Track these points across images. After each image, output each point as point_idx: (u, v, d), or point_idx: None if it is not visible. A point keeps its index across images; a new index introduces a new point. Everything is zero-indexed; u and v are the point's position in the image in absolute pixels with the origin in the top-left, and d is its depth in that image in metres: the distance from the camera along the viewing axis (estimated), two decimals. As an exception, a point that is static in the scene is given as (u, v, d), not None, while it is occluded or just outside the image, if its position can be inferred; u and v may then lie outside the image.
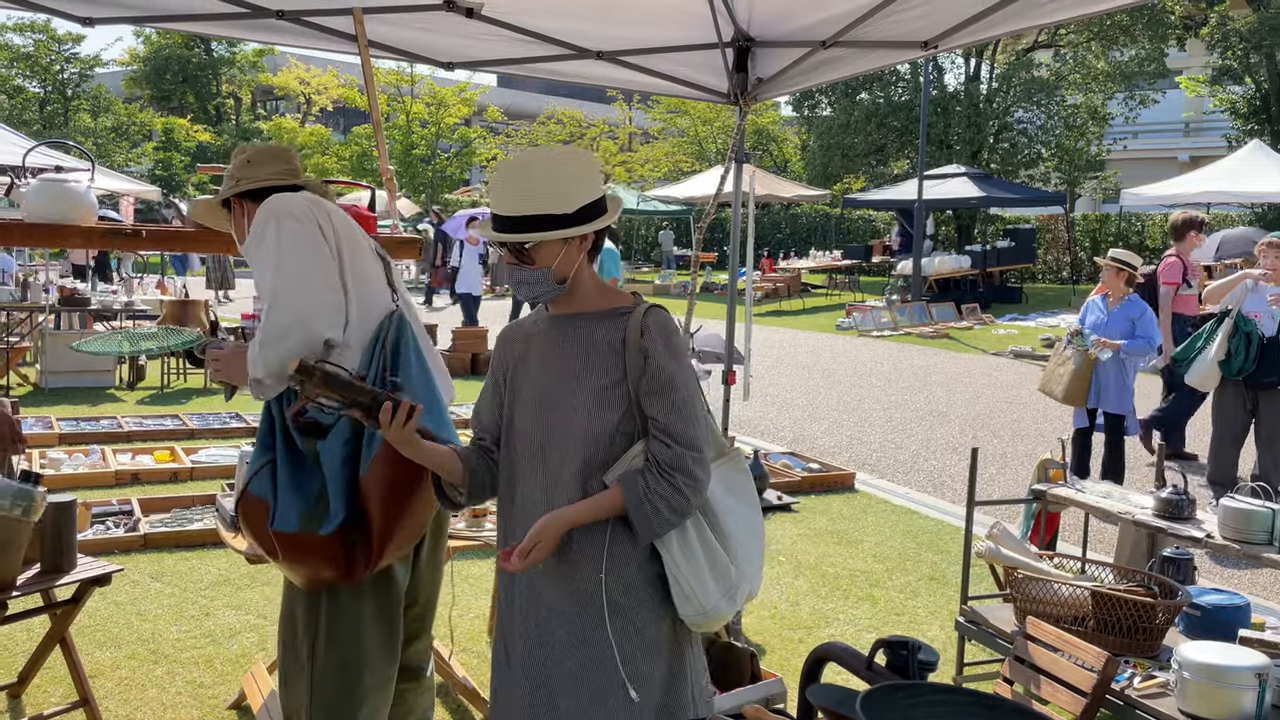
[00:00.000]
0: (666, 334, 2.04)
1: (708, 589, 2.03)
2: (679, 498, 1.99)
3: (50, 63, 33.35)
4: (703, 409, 2.07)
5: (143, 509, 5.74)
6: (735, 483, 2.16)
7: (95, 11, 3.92)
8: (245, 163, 2.68)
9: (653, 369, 2.01)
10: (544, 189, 1.98)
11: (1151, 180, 19.55)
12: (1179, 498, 3.76)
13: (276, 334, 2.31)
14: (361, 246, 2.55)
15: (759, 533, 2.17)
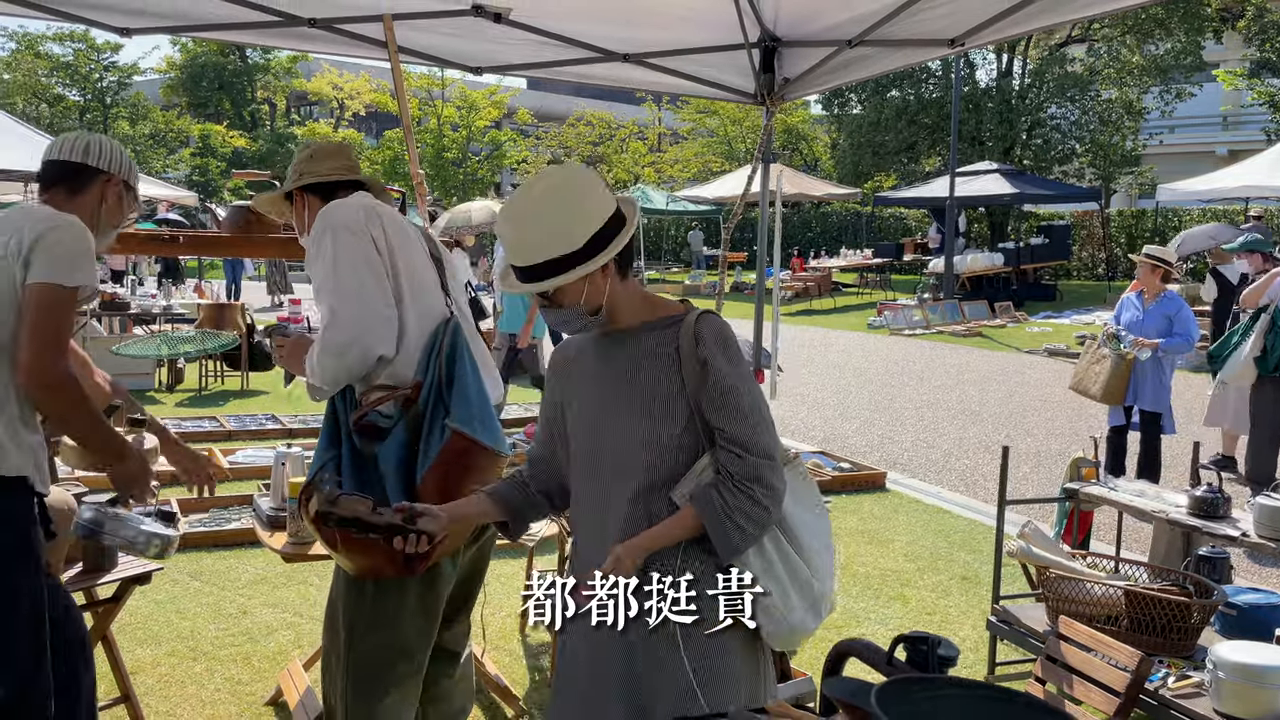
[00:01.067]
0: (723, 341, 1.97)
1: (793, 606, 1.95)
2: (759, 510, 1.91)
3: (89, 71, 33.91)
4: (769, 414, 2.00)
5: (181, 509, 5.83)
6: (801, 491, 2.08)
7: (132, 22, 4.00)
8: (309, 158, 2.75)
9: (714, 378, 1.94)
10: (544, 234, 1.90)
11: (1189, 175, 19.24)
12: (1214, 496, 3.73)
13: (334, 351, 2.41)
14: (416, 252, 2.59)
15: (829, 541, 2.09)
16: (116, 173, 2.54)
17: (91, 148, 2.52)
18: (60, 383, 2.25)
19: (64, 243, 2.30)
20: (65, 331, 2.30)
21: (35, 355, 2.22)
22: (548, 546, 4.45)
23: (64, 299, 2.28)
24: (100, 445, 2.39)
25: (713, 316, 2.02)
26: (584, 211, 1.92)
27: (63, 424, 2.34)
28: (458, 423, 2.37)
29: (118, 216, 2.57)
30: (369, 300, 2.43)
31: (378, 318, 2.43)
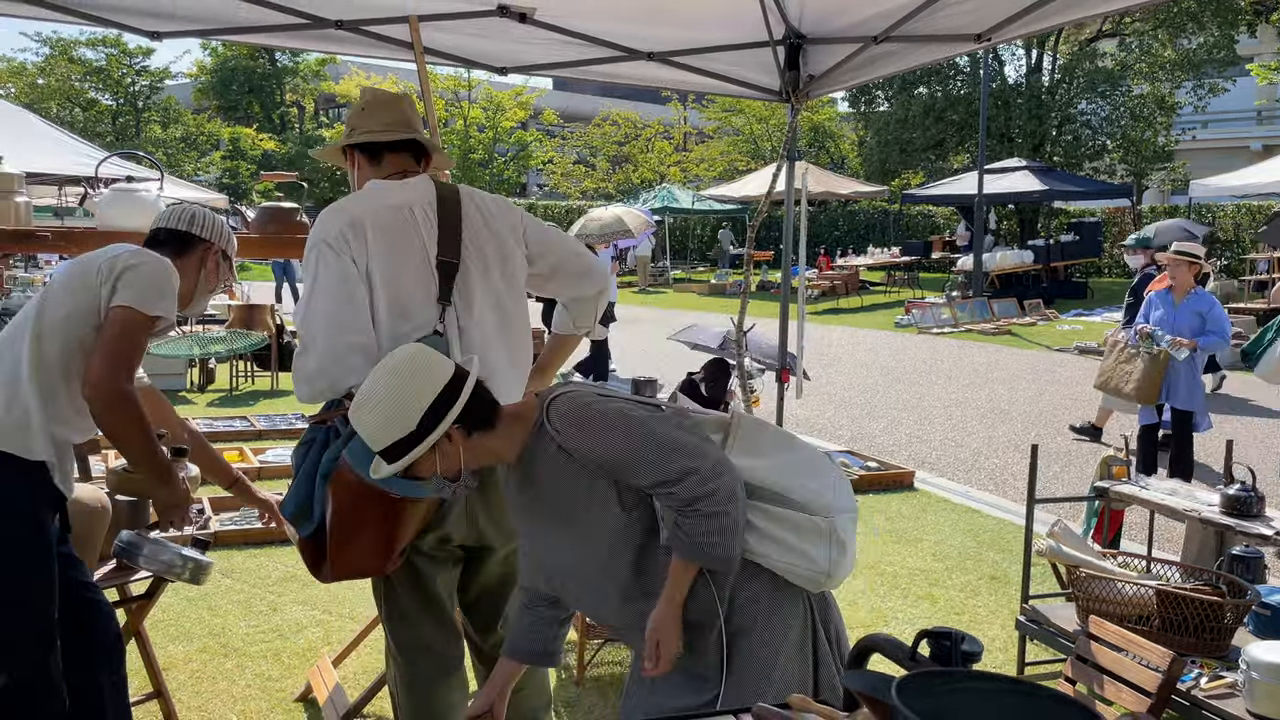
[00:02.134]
0: (571, 420, 2.01)
1: (810, 556, 2.00)
2: (716, 519, 1.94)
3: (122, 76, 34.35)
4: (663, 434, 1.98)
5: (213, 507, 5.90)
6: (756, 442, 2.09)
7: (163, 25, 4.05)
8: (361, 110, 2.64)
9: (591, 459, 2.00)
10: (382, 420, 1.98)
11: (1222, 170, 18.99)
12: (1247, 494, 3.67)
13: (303, 379, 2.42)
14: (409, 263, 2.45)
15: (815, 462, 2.10)
16: (216, 242, 2.76)
17: (196, 219, 2.75)
18: (121, 399, 2.35)
19: (153, 275, 2.46)
20: (136, 354, 2.43)
21: (104, 370, 2.34)
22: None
23: (141, 324, 2.42)
24: (148, 467, 2.48)
25: (557, 402, 2.04)
26: (412, 392, 1.98)
27: (116, 439, 2.42)
28: (346, 453, 2.29)
29: (214, 281, 2.79)
30: (342, 328, 2.36)
31: (348, 347, 2.36)
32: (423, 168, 2.68)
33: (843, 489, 2.09)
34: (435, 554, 2.57)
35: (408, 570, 2.56)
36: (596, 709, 3.70)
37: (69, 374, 2.43)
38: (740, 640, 2.03)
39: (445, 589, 2.62)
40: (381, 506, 2.32)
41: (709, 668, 2.05)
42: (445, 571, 2.61)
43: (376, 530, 2.37)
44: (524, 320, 2.66)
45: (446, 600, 2.63)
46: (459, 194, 2.58)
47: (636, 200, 27.22)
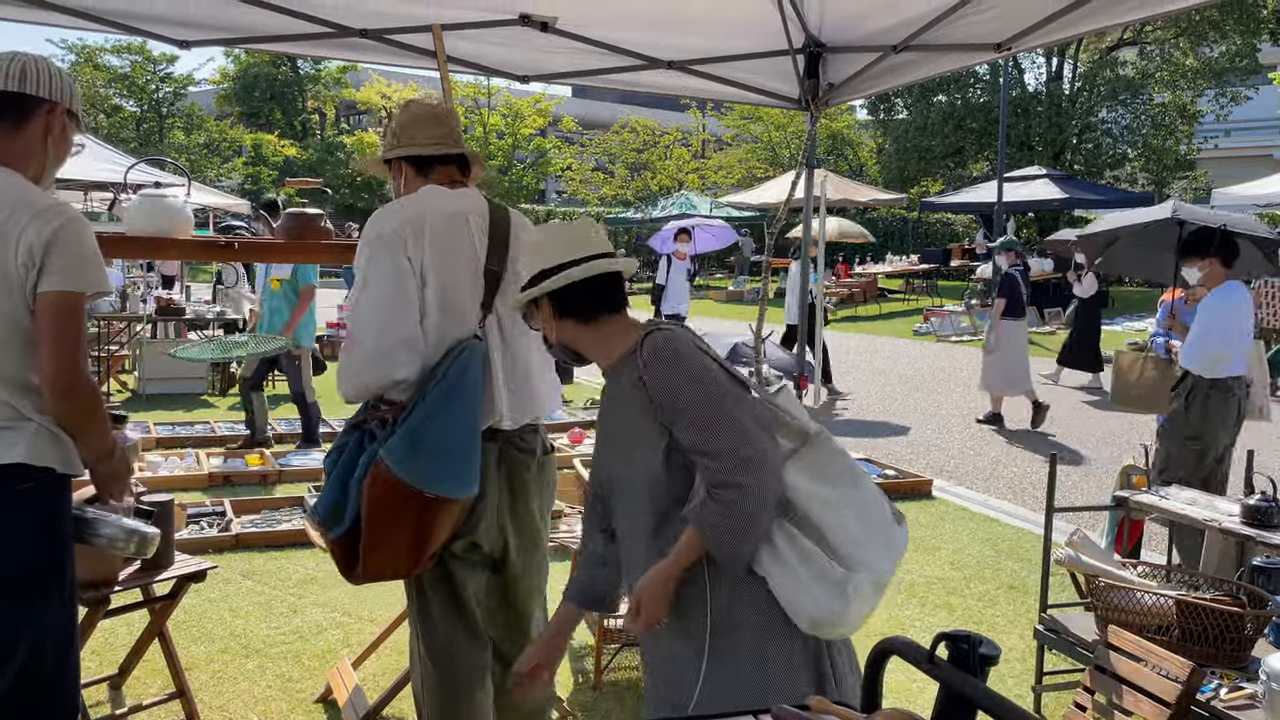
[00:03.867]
0: (661, 358, 2.02)
1: (811, 596, 1.93)
2: (735, 513, 1.91)
3: (146, 82, 34.74)
4: (731, 408, 1.98)
5: (234, 510, 5.96)
6: (823, 467, 2.02)
7: (191, 34, 4.12)
8: (408, 124, 2.64)
9: (658, 396, 2.00)
10: (532, 251, 2.17)
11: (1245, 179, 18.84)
12: (1268, 504, 3.65)
13: (354, 370, 2.44)
14: (459, 266, 2.52)
15: (870, 510, 2.00)
16: (60, 100, 2.33)
17: (29, 73, 2.29)
18: (80, 388, 2.23)
19: (81, 246, 2.24)
20: (83, 335, 2.25)
21: (57, 364, 2.19)
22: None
23: (79, 305, 2.23)
24: (100, 446, 2.34)
25: (654, 335, 2.07)
26: (561, 241, 2.13)
27: (77, 427, 2.27)
28: (384, 452, 2.34)
29: (64, 148, 2.39)
30: (393, 324, 2.41)
31: (399, 341, 2.41)
32: (467, 179, 2.74)
33: (885, 550, 1.99)
34: (467, 558, 2.61)
35: (440, 574, 2.59)
36: (614, 713, 3.72)
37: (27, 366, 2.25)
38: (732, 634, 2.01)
39: (475, 594, 2.65)
40: (416, 505, 2.36)
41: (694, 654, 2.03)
42: (476, 577, 2.64)
43: (410, 530, 2.41)
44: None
45: (476, 606, 2.65)
46: (509, 214, 2.69)
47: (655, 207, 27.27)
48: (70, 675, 2.39)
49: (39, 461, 2.24)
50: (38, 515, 2.27)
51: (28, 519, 2.25)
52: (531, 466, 2.65)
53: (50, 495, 2.29)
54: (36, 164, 2.33)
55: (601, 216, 30.44)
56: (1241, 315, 5.23)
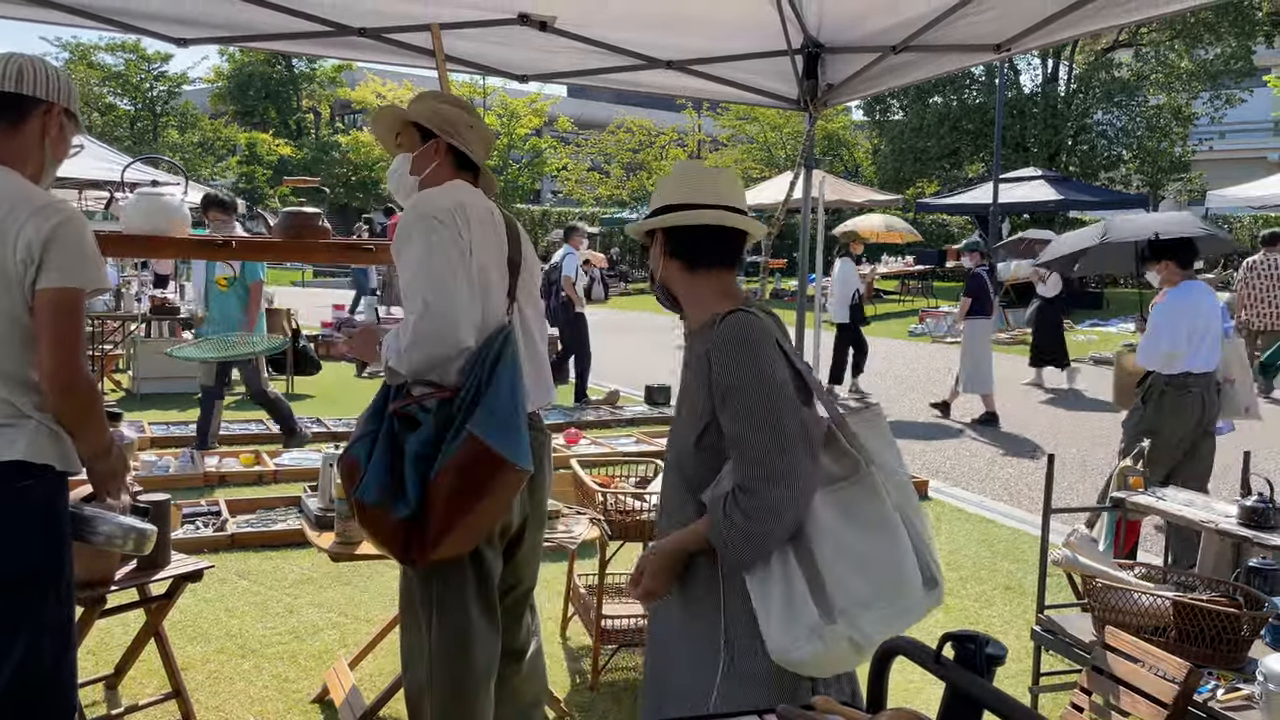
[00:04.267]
0: (730, 341, 1.95)
1: (774, 625, 1.86)
2: (750, 521, 1.84)
3: (140, 81, 34.64)
4: (780, 412, 1.89)
5: (230, 510, 5.95)
6: (859, 508, 1.91)
7: (188, 33, 4.10)
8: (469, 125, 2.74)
9: (718, 376, 1.93)
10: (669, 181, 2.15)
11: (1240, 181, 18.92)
12: (1265, 506, 3.66)
13: (427, 341, 2.45)
14: (491, 254, 2.63)
15: (885, 571, 1.88)
16: (57, 100, 2.34)
17: (26, 74, 2.28)
18: (80, 384, 2.25)
19: (81, 243, 2.25)
20: (82, 332, 2.27)
21: (58, 360, 2.20)
22: (588, 551, 4.48)
23: (78, 301, 2.25)
24: (97, 442, 2.34)
25: (735, 315, 1.99)
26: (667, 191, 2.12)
27: (76, 423, 2.28)
28: (478, 429, 2.41)
29: (62, 149, 2.40)
30: (459, 292, 2.48)
31: (465, 308, 2.49)
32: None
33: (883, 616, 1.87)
34: (497, 546, 2.68)
35: (473, 561, 2.61)
36: (611, 714, 3.71)
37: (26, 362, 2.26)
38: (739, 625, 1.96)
39: (497, 580, 2.70)
40: (506, 479, 2.44)
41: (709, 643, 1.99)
42: (499, 561, 2.70)
43: (496, 505, 2.48)
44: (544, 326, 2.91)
45: (496, 593, 2.70)
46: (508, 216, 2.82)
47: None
48: (67, 674, 2.38)
49: (38, 459, 2.24)
50: (37, 512, 2.26)
51: (27, 516, 2.25)
52: (546, 445, 2.79)
53: (49, 492, 2.28)
54: (34, 164, 2.33)
55: (597, 217, 30.43)
56: (1200, 313, 5.31)
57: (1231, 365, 5.43)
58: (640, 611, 4.33)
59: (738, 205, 2.11)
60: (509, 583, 2.78)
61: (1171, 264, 5.46)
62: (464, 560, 2.59)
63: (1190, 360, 5.23)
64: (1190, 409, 5.22)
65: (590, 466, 4.42)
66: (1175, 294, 5.41)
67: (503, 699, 2.78)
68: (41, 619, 2.27)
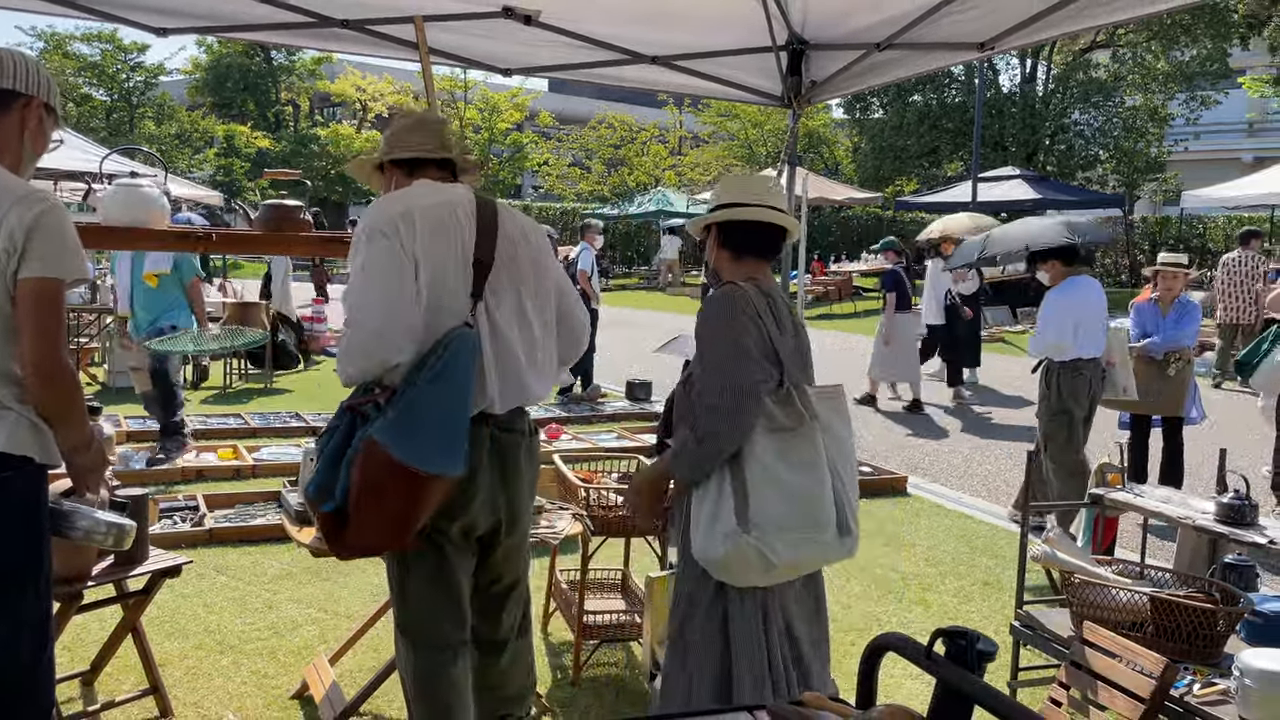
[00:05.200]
0: (711, 303, 2.47)
1: (699, 531, 2.35)
2: (692, 446, 2.36)
3: (116, 71, 34.25)
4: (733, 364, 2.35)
5: (207, 505, 5.90)
6: (793, 450, 2.35)
7: (168, 22, 4.06)
8: (402, 129, 2.77)
9: (697, 330, 2.45)
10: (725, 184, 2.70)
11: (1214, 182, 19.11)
12: (1241, 503, 3.71)
13: (355, 354, 2.50)
14: (448, 256, 2.58)
15: (803, 505, 2.32)
16: (36, 94, 2.34)
17: (5, 66, 2.28)
18: (62, 373, 2.24)
19: (63, 234, 2.24)
20: (63, 321, 2.27)
21: (40, 350, 2.19)
22: (570, 546, 4.48)
23: (59, 291, 2.24)
24: (78, 435, 2.32)
25: (728, 286, 2.46)
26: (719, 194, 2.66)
27: (57, 413, 2.26)
28: (377, 432, 2.40)
29: (41, 143, 2.40)
30: (393, 309, 2.48)
31: (400, 326, 2.48)
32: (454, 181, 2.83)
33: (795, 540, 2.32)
34: (459, 542, 2.66)
35: (430, 552, 2.63)
36: (593, 709, 3.71)
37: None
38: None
39: (463, 574, 2.70)
40: (406, 482, 2.41)
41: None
42: (465, 558, 2.70)
43: (398, 506, 2.46)
44: (546, 326, 2.80)
45: (463, 585, 2.70)
46: (495, 205, 2.75)
47: (632, 204, 27.23)
48: (44, 671, 2.36)
49: (18, 450, 2.22)
50: (16, 505, 2.24)
51: (6, 509, 2.22)
52: (522, 446, 2.73)
53: (29, 485, 2.26)
54: (12, 157, 2.32)
55: (578, 212, 30.38)
56: (1085, 305, 5.83)
57: (1113, 350, 5.99)
58: (621, 607, 4.33)
59: (779, 206, 2.58)
60: (489, 578, 2.79)
61: (1056, 263, 6.07)
62: (426, 553, 2.62)
63: (1080, 348, 5.78)
64: (1083, 388, 5.81)
65: (572, 462, 4.42)
66: (1059, 290, 5.96)
67: (482, 687, 2.81)
68: (19, 614, 2.25)
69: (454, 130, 2.96)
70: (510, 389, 2.67)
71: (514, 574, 2.83)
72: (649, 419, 9.24)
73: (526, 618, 2.94)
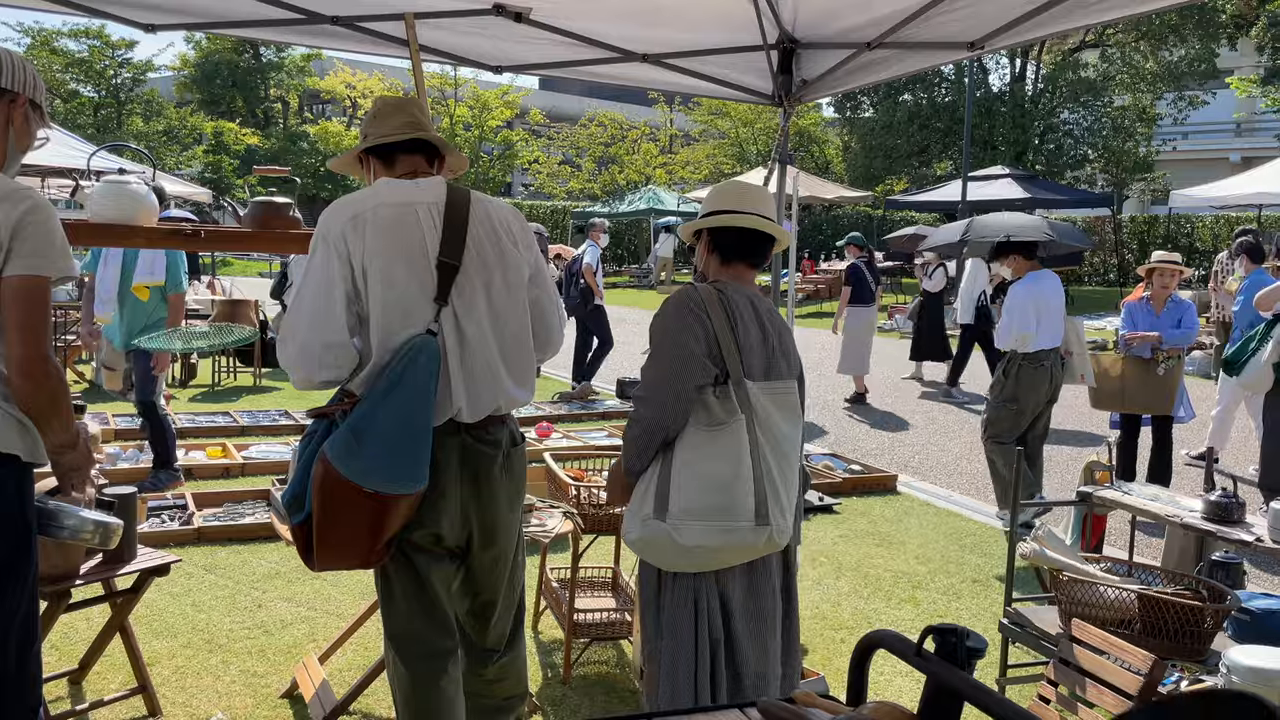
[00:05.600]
0: (666, 302, 2.58)
1: (628, 514, 2.54)
2: (629, 431, 2.52)
3: (104, 68, 34.05)
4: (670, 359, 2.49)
5: (196, 503, 5.88)
6: (716, 443, 2.46)
7: (156, 18, 4.04)
8: (373, 118, 2.70)
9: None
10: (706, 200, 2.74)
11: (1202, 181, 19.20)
12: (1228, 500, 3.73)
13: (285, 365, 2.51)
14: (405, 261, 2.48)
15: (716, 494, 2.44)
16: (22, 91, 2.35)
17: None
18: (49, 373, 2.21)
19: (49, 231, 2.22)
20: (49, 319, 2.25)
21: (25, 348, 2.18)
22: (561, 545, 4.48)
23: (46, 288, 2.23)
24: (63, 433, 2.30)
25: (686, 287, 2.58)
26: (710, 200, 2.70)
27: (41, 412, 2.24)
28: (326, 446, 2.36)
29: (27, 139, 2.41)
30: (321, 327, 2.42)
31: (324, 345, 2.42)
32: (437, 169, 2.72)
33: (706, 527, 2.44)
34: (430, 549, 2.59)
35: (403, 564, 2.58)
36: (583, 708, 3.71)
37: None
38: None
39: (441, 584, 2.63)
40: (359, 501, 2.36)
41: None
42: (440, 566, 2.62)
43: (358, 524, 2.40)
44: (522, 328, 2.67)
45: (442, 594, 2.63)
46: (469, 198, 2.61)
47: (622, 202, 27.22)
48: (31, 670, 2.34)
49: (3, 449, 2.21)
50: (2, 504, 2.22)
51: None
52: (497, 459, 2.61)
53: (15, 483, 2.24)
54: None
55: (568, 210, 30.35)
56: (1046, 297, 6.06)
57: (1070, 340, 6.24)
58: (612, 605, 4.33)
59: (766, 214, 2.66)
60: (470, 590, 2.72)
61: (1019, 257, 6.30)
62: (400, 563, 2.57)
63: (1041, 339, 6.02)
64: (1043, 380, 6.05)
65: (563, 460, 4.42)
66: (1023, 283, 6.17)
67: (472, 694, 2.78)
68: (5, 613, 2.23)
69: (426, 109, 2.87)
70: (483, 396, 2.56)
71: (493, 591, 2.72)
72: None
73: (519, 628, 2.87)
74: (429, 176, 2.65)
